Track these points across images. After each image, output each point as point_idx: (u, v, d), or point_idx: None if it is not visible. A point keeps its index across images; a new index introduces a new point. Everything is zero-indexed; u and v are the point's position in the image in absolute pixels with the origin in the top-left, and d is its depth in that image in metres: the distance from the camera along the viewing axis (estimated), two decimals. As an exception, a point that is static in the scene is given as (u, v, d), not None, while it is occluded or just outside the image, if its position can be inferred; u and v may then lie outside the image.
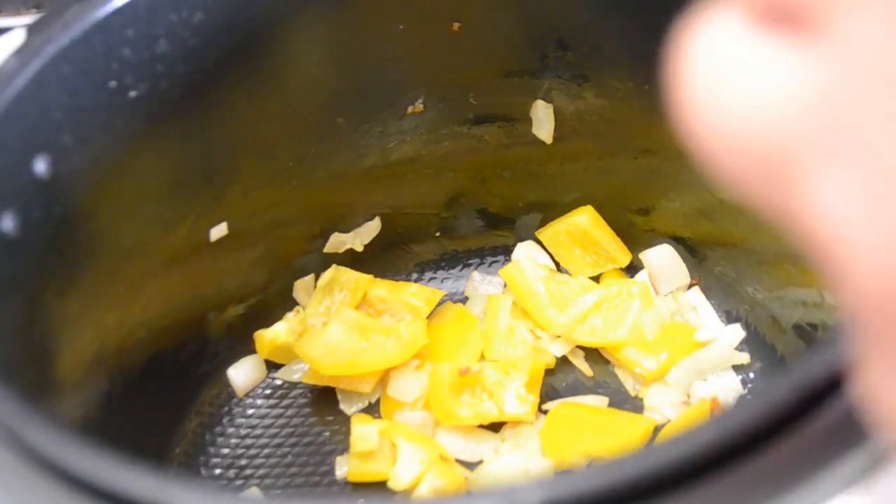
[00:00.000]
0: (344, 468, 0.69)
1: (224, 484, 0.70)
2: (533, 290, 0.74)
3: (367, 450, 0.68)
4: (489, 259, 0.82)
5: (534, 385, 0.70)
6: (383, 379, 0.73)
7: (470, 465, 0.69)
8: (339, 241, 0.78)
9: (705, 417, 0.68)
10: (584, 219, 0.77)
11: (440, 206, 0.80)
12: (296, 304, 0.78)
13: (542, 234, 0.79)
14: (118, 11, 0.57)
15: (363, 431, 0.68)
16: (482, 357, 0.74)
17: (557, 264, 0.79)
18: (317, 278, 0.78)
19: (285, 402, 0.75)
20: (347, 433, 0.71)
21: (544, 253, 0.79)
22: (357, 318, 0.72)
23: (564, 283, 0.75)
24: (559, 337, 0.74)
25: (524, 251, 0.79)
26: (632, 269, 0.78)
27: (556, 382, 0.74)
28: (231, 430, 0.73)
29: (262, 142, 0.69)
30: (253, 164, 0.70)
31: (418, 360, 0.73)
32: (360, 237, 0.78)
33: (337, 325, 0.72)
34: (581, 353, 0.75)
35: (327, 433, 0.72)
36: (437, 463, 0.67)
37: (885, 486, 0.36)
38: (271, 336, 0.74)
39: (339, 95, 0.71)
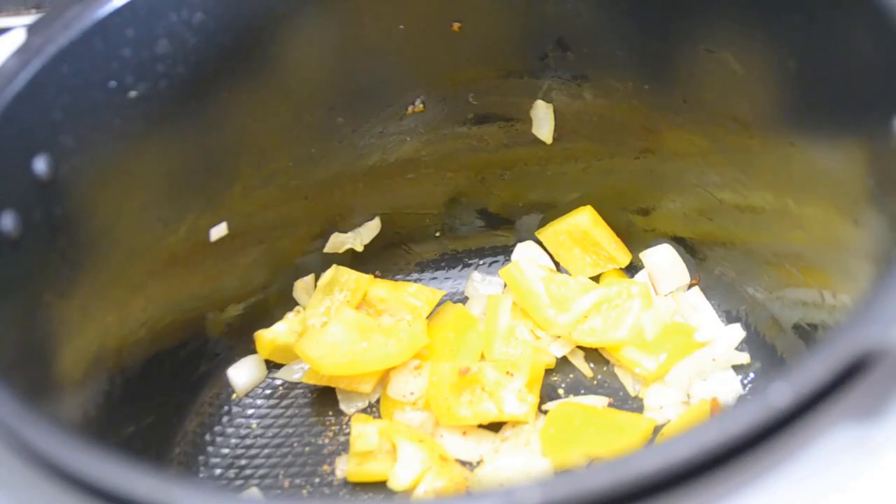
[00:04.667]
0: (344, 468, 0.69)
1: (224, 484, 0.70)
2: (533, 290, 0.74)
3: (366, 449, 0.68)
4: (489, 259, 0.82)
5: (534, 385, 0.70)
6: (383, 379, 0.73)
7: (470, 466, 0.69)
8: (339, 241, 0.78)
9: (705, 417, 0.68)
10: (584, 219, 0.77)
11: (440, 206, 0.80)
12: (295, 304, 0.78)
13: (542, 234, 0.79)
14: (118, 11, 0.57)
15: (363, 431, 0.68)
16: (482, 357, 0.74)
17: (557, 264, 0.79)
18: (317, 278, 0.78)
19: (285, 402, 0.75)
20: (347, 433, 0.71)
21: (544, 253, 0.79)
22: (357, 318, 0.72)
23: (564, 283, 0.75)
24: (559, 337, 0.74)
25: (524, 251, 0.79)
26: (632, 269, 0.78)
27: (556, 382, 0.74)
28: (231, 430, 0.73)
29: (262, 142, 0.69)
30: (253, 164, 0.70)
31: (418, 360, 0.73)
32: (360, 237, 0.78)
33: (337, 325, 0.72)
34: (581, 354, 0.75)
35: (327, 433, 0.72)
36: (437, 463, 0.67)
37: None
38: (272, 336, 0.74)
39: (339, 95, 0.71)
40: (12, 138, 0.53)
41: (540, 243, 0.80)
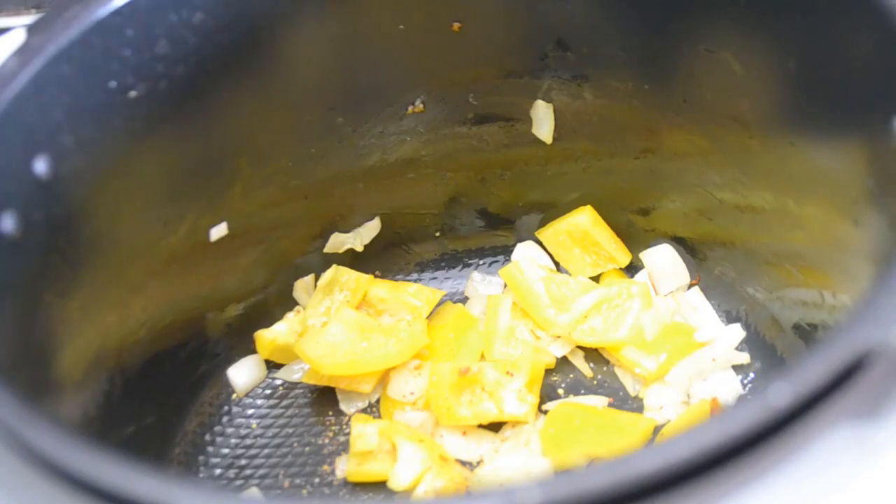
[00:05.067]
0: (344, 468, 0.69)
1: (224, 484, 0.70)
2: (533, 290, 0.74)
3: (366, 449, 0.68)
4: (489, 259, 0.82)
5: (534, 385, 0.70)
6: (383, 379, 0.73)
7: (470, 466, 0.69)
8: (339, 241, 0.78)
9: (705, 417, 0.68)
10: (584, 219, 0.77)
11: (440, 206, 0.80)
12: (295, 303, 0.78)
13: (542, 234, 0.79)
14: (118, 11, 0.57)
15: (363, 431, 0.68)
16: (482, 357, 0.74)
17: (557, 264, 0.79)
18: (317, 278, 0.78)
19: (285, 402, 0.75)
20: (347, 433, 0.71)
21: (544, 253, 0.79)
22: (357, 318, 0.72)
23: (564, 283, 0.75)
24: (559, 337, 0.74)
25: (524, 251, 0.79)
26: (632, 269, 0.78)
27: (556, 382, 0.74)
28: (231, 430, 0.73)
29: (262, 142, 0.69)
30: (253, 164, 0.70)
31: (418, 360, 0.73)
32: (360, 237, 0.78)
33: (337, 325, 0.72)
34: (581, 354, 0.75)
35: (327, 433, 0.72)
36: (437, 463, 0.67)
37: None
38: (272, 336, 0.74)
39: (339, 95, 0.71)
40: (12, 138, 0.53)
41: (540, 243, 0.80)
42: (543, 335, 0.75)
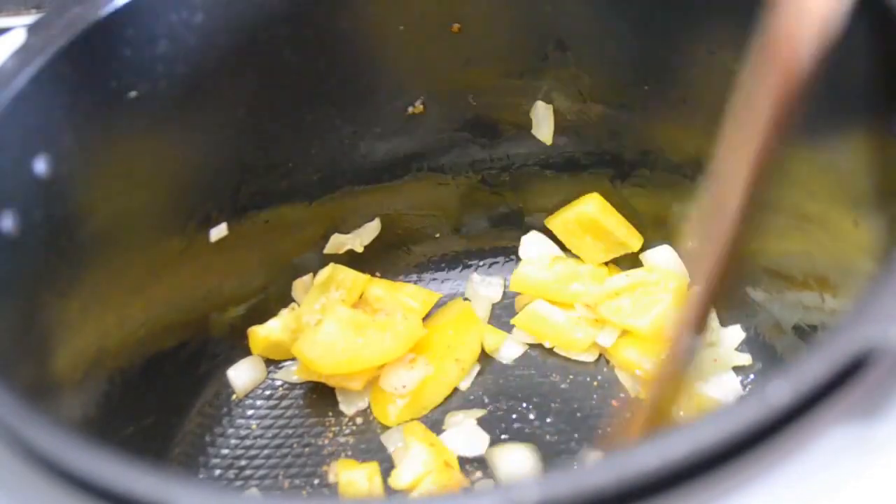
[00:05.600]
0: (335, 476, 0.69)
1: (224, 485, 0.69)
2: (542, 280, 0.75)
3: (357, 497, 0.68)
4: (489, 260, 0.82)
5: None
6: (375, 375, 0.73)
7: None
8: (339, 242, 0.78)
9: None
10: (592, 207, 0.76)
11: (440, 207, 0.80)
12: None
13: (552, 222, 0.78)
14: (118, 11, 0.57)
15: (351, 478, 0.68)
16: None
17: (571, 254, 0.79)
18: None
19: (285, 402, 0.75)
20: (347, 434, 0.71)
21: (550, 242, 0.78)
22: (351, 314, 0.72)
23: (565, 260, 0.76)
24: (588, 307, 0.74)
25: (531, 242, 0.79)
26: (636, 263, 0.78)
27: (557, 382, 0.74)
28: (231, 430, 0.73)
29: (261, 142, 0.69)
30: (253, 165, 0.70)
31: (413, 353, 0.73)
32: (360, 238, 0.78)
33: (331, 323, 0.71)
34: (582, 354, 0.75)
35: (327, 434, 0.72)
36: (439, 467, 0.67)
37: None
38: (265, 333, 0.74)
39: (339, 95, 0.71)
40: (12, 138, 0.53)
41: (549, 232, 0.79)
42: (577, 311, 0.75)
